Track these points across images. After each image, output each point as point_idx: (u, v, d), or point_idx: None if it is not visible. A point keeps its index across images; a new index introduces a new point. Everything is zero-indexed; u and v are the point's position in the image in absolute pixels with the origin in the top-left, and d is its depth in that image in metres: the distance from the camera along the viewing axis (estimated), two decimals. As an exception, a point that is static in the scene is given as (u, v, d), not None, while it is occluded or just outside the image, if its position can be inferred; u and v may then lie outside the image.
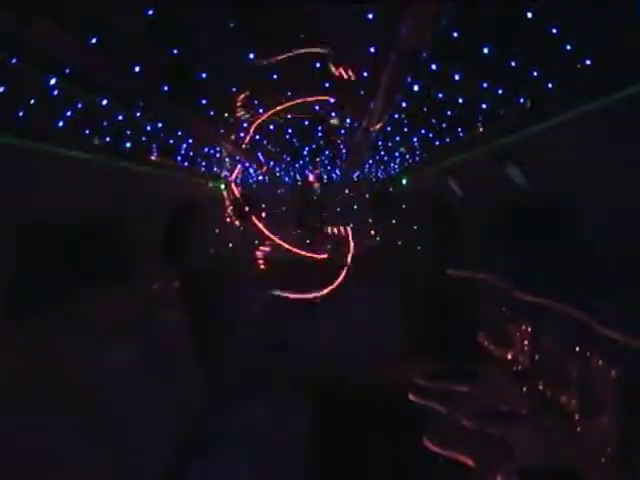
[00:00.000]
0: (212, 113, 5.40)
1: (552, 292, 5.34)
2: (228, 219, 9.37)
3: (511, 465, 4.85)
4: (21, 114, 3.66)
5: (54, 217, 4.71)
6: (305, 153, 8.51)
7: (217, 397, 6.68)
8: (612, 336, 3.92)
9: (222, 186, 8.99)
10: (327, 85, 5.05)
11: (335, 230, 9.49)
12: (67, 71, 3.72)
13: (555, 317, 5.04)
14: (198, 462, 5.13)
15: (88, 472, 4.14)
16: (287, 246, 9.37)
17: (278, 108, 5.69)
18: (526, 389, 6.04)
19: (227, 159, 7.91)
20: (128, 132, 5.16)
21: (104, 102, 4.37)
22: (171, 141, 6.06)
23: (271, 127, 6.58)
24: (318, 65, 4.46)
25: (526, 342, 6.27)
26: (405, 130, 6.27)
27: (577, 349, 4.94)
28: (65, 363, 4.17)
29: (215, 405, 6.54)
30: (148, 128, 5.41)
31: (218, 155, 7.31)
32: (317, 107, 5.93)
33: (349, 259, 9.36)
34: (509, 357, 6.62)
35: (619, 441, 4.27)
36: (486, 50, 3.63)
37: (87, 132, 4.57)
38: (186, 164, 6.95)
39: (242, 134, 6.33)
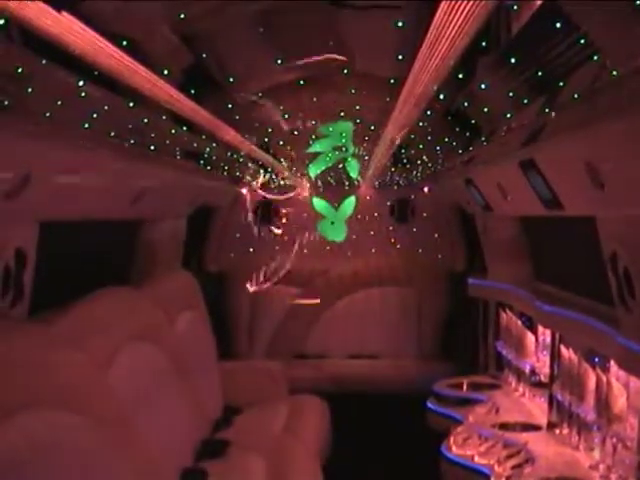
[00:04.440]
0: (237, 117, 5.46)
1: (572, 302, 5.33)
2: (249, 224, 9.40)
3: (529, 476, 4.83)
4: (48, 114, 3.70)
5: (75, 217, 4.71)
6: (327, 159, 8.54)
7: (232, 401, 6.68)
8: (632, 346, 3.91)
9: (244, 191, 9.03)
10: (353, 92, 5.10)
11: (355, 237, 9.49)
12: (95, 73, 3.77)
13: (575, 327, 5.03)
14: (213, 462, 5.14)
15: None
16: (307, 251, 9.41)
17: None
18: (545, 399, 6.02)
19: (250, 164, 7.96)
20: (152, 135, 5.21)
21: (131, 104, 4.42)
22: (195, 145, 6.12)
23: (295, 132, 6.62)
24: (346, 71, 4.50)
25: (545, 352, 6.25)
26: (428, 138, 6.31)
27: (597, 359, 4.93)
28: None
29: (230, 408, 6.55)
30: (172, 131, 5.47)
31: (241, 160, 7.35)
32: (342, 113, 5.97)
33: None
34: (527, 367, 6.61)
35: (639, 453, 4.25)
36: (513, 60, 3.66)
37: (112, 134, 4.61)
38: (209, 168, 7.00)
39: (266, 139, 6.39)
